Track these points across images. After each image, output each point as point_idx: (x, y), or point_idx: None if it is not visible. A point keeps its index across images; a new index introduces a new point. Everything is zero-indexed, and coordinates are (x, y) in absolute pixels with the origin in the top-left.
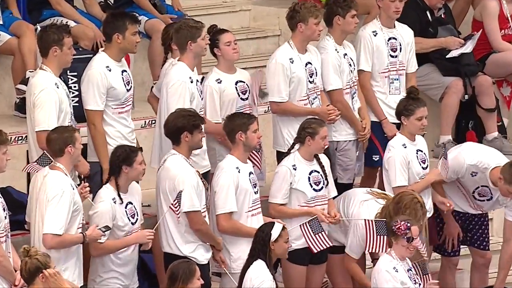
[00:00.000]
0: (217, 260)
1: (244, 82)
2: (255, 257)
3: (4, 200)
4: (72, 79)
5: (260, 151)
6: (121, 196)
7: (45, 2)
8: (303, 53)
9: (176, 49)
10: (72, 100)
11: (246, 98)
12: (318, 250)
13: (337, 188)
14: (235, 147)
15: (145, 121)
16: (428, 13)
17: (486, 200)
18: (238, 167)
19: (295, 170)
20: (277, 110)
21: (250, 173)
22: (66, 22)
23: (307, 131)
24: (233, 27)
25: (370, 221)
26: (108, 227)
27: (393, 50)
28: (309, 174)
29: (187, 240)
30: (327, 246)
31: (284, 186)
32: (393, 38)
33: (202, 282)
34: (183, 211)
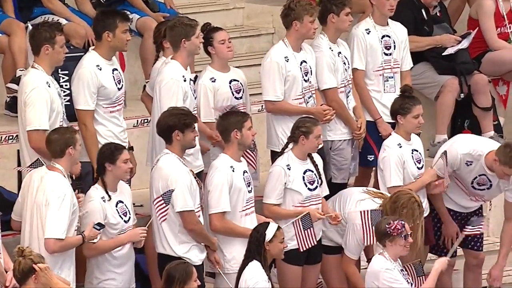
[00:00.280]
0: (211, 261)
1: (238, 81)
2: (251, 258)
3: None
4: (64, 78)
5: (255, 151)
6: (110, 194)
7: (36, 0)
8: (298, 52)
9: (168, 48)
10: (64, 99)
11: (240, 97)
12: (305, 249)
13: (332, 188)
14: (229, 146)
15: (138, 120)
16: (424, 11)
17: (486, 189)
18: (232, 166)
19: (290, 170)
20: (272, 109)
21: (244, 172)
22: (57, 20)
23: (301, 130)
24: (227, 25)
25: (366, 213)
26: (102, 225)
27: (387, 48)
28: (304, 174)
29: (181, 241)
30: (313, 244)
31: (279, 187)
32: (387, 36)
33: (199, 283)
34: (176, 211)
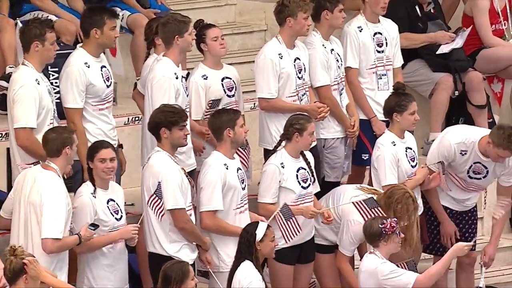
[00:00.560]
0: (203, 261)
1: (231, 79)
2: (242, 258)
3: None
4: (54, 75)
5: (247, 149)
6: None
7: None
8: (292, 49)
9: (160, 45)
10: (54, 97)
11: (233, 95)
12: (291, 239)
13: (325, 187)
14: (222, 144)
15: (128, 118)
16: (418, 8)
17: (483, 178)
18: (226, 164)
19: (284, 168)
20: (266, 107)
21: (238, 169)
22: (47, 17)
23: (295, 127)
24: (219, 22)
25: (360, 203)
26: (96, 225)
27: (379, 45)
28: (297, 172)
29: (172, 239)
30: (298, 233)
31: (273, 185)
32: (379, 33)
33: (197, 281)
34: (167, 209)
